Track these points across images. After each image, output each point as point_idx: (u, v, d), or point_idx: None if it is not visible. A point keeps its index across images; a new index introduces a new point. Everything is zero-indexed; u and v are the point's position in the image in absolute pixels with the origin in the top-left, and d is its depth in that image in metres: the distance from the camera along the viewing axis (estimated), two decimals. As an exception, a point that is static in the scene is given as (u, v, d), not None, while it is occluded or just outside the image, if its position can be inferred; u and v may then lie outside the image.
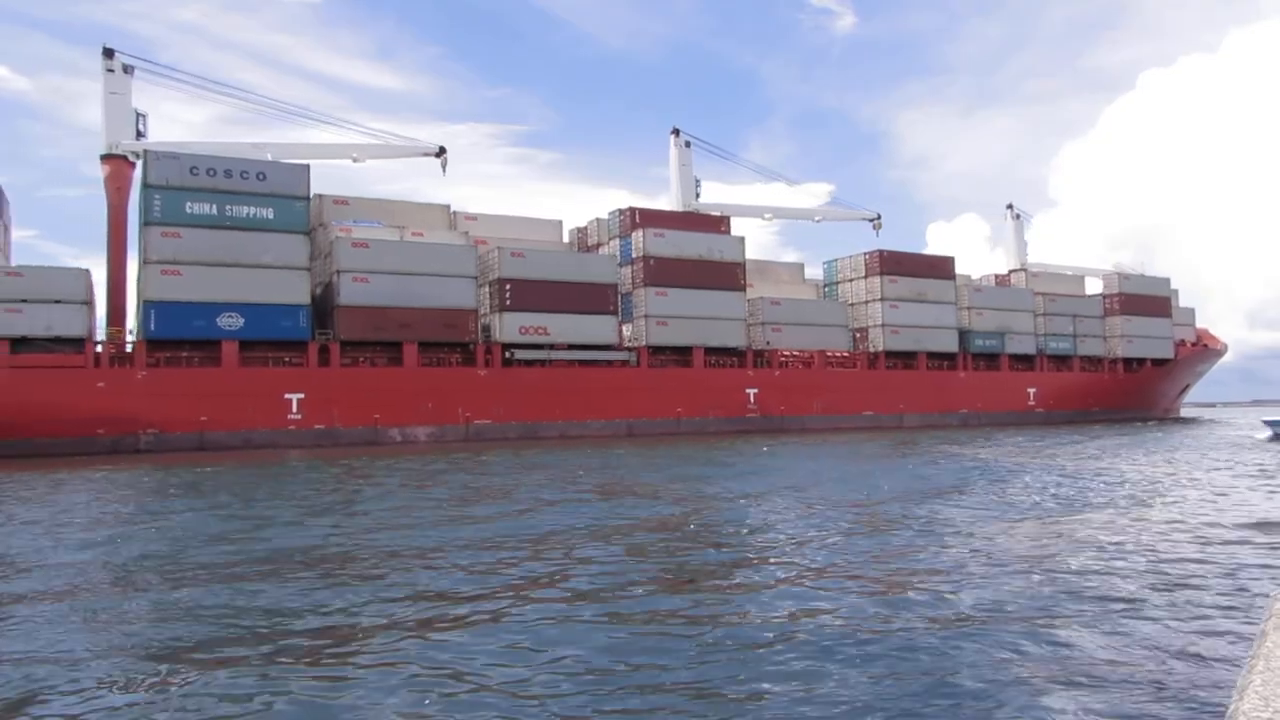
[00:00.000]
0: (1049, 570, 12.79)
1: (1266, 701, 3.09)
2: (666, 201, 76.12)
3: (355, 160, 62.96)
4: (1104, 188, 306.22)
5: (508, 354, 57.36)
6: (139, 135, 56.89)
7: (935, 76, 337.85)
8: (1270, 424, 50.31)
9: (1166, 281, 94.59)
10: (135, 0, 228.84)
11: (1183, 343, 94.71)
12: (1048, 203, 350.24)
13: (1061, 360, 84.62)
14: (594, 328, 60.20)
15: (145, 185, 48.76)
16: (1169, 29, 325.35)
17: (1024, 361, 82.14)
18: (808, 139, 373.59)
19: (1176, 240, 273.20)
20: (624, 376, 61.38)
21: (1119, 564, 13.28)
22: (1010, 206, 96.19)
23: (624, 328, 63.13)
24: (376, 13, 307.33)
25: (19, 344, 45.74)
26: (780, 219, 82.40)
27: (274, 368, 50.91)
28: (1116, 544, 14.99)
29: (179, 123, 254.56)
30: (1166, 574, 12.49)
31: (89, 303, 48.16)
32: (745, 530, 17.33)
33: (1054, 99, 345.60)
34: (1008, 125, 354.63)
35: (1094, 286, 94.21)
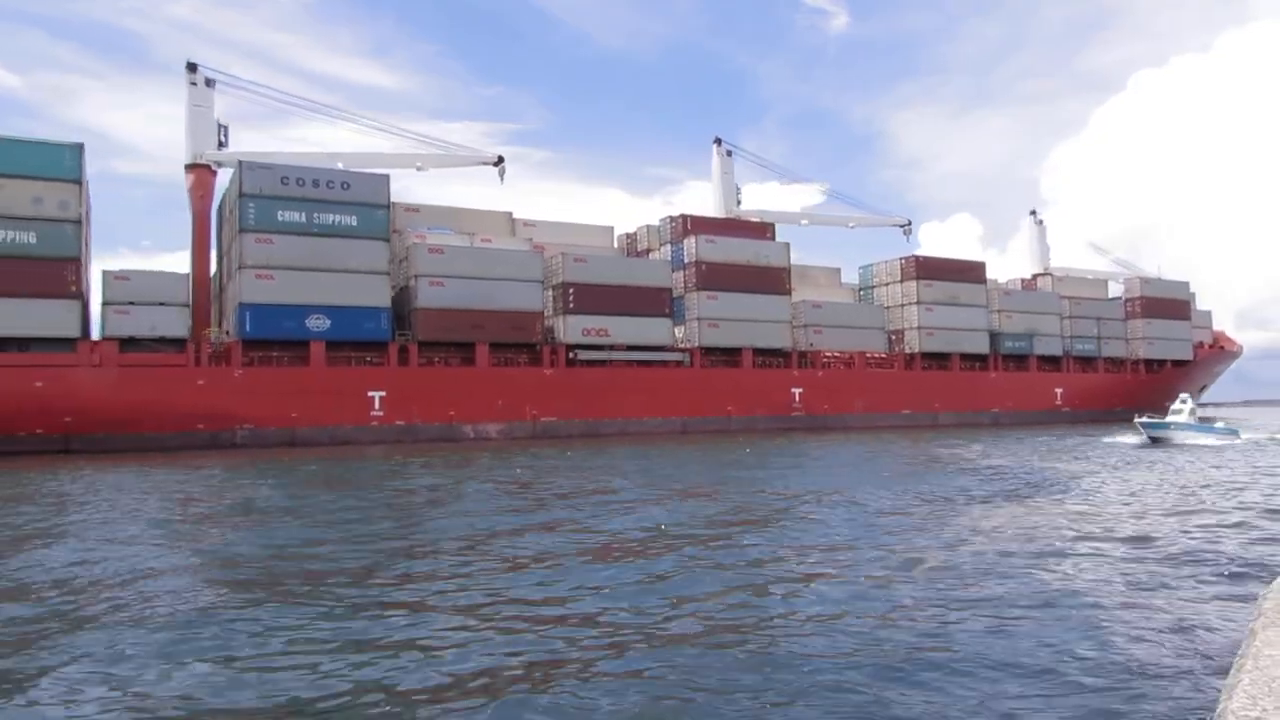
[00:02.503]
0: (1036, 567, 13.07)
1: (1254, 700, 3.09)
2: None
3: (419, 169, 65.76)
4: (1096, 189, 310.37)
5: (571, 354, 60.23)
6: (220, 145, 59.74)
7: (930, 77, 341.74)
8: (1145, 426, 46.44)
9: (1185, 285, 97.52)
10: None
11: (1201, 344, 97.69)
12: (1040, 203, 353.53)
13: (1086, 361, 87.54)
14: (650, 329, 63.09)
15: (240, 194, 51.55)
16: (1162, 30, 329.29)
17: (1051, 362, 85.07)
18: (802, 139, 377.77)
19: (1167, 241, 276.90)
20: (678, 376, 64.28)
21: (1106, 562, 13.48)
22: (1033, 212, 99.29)
23: (676, 329, 65.93)
24: (375, 10, 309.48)
25: (126, 344, 48.59)
26: (815, 224, 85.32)
27: (357, 367, 53.77)
28: (1102, 542, 15.28)
29: (168, 119, 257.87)
30: (1154, 572, 12.72)
31: (189, 304, 51.01)
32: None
33: (1048, 100, 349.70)
34: (1002, 126, 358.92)
35: (1115, 289, 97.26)
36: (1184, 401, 48.41)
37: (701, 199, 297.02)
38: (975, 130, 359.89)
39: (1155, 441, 44.75)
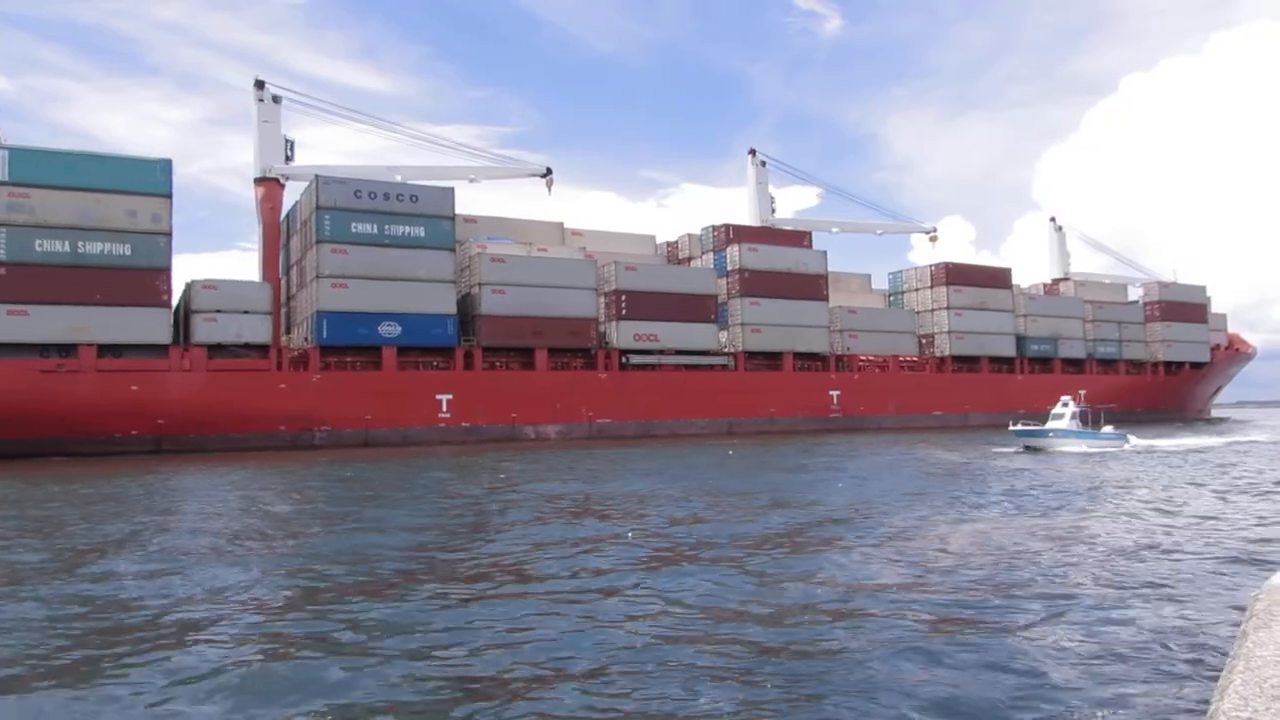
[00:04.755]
0: (1030, 570, 13.35)
1: (1246, 701, 3.08)
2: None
3: (472, 181, 68.21)
4: (1087, 191, 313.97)
5: (623, 358, 62.80)
6: (287, 160, 62.35)
7: (921, 80, 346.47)
8: (1021, 434, 41.66)
9: (1202, 289, 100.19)
10: None
11: (1217, 346, 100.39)
12: (1031, 206, 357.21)
13: (1108, 364, 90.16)
14: (697, 335, 65.67)
15: (317, 207, 54.14)
16: (1152, 33, 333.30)
17: (1074, 365, 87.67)
18: (794, 142, 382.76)
19: (1157, 243, 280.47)
20: (724, 379, 66.86)
21: (1098, 565, 13.69)
22: (1053, 219, 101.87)
23: (720, 334, 68.49)
24: (362, 13, 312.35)
25: (214, 350, 51.16)
26: (846, 232, 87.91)
27: (425, 371, 56.33)
28: (1093, 546, 15.54)
29: (158, 122, 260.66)
30: (1145, 574, 12.93)
31: (273, 312, 53.59)
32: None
33: (1038, 103, 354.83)
34: (992, 129, 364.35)
35: (1133, 294, 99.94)
36: (1065, 405, 42.46)
37: (698, 202, 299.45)
38: (966, 133, 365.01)
39: (1030, 450, 39.73)
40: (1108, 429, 43.70)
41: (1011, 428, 42.28)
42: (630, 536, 16.59)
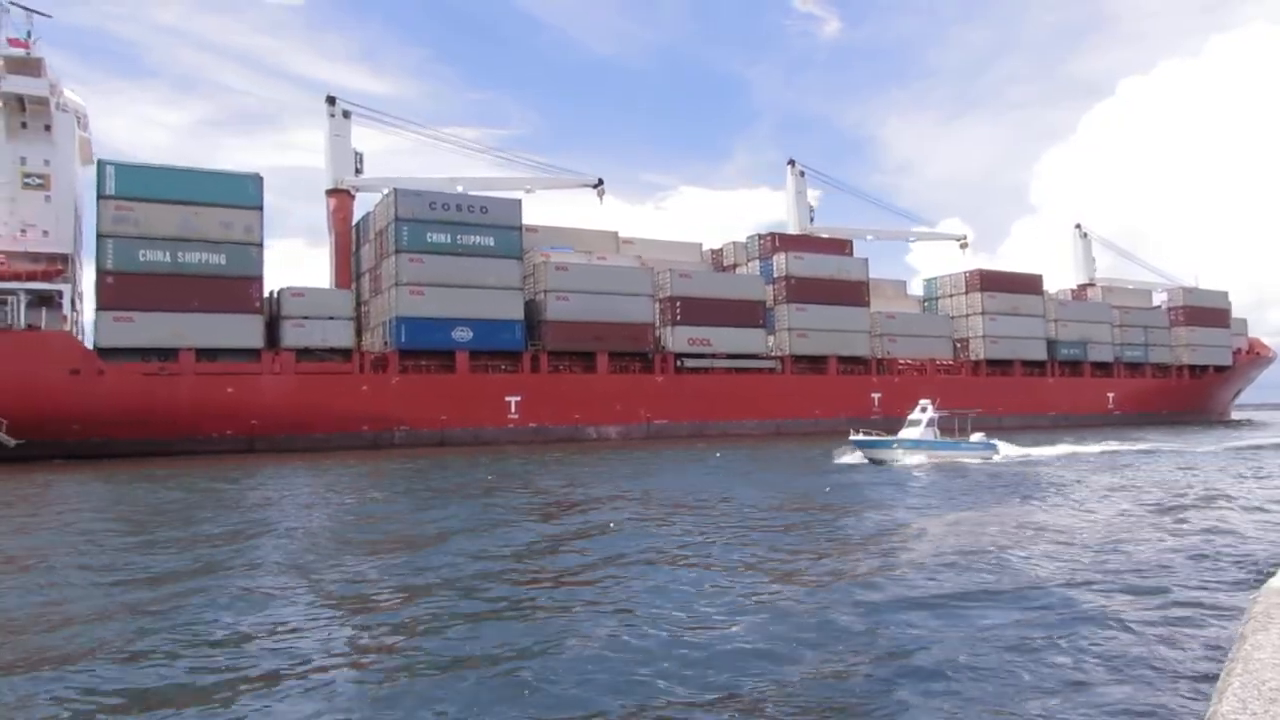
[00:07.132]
0: (1023, 572, 13.47)
1: (1244, 704, 3.10)
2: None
3: (528, 191, 71.03)
4: (1085, 193, 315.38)
5: (678, 362, 65.51)
6: (357, 172, 65.22)
7: (920, 81, 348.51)
8: (859, 444, 36.37)
9: (1225, 294, 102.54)
10: (116, 2, 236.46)
11: (1238, 350, 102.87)
12: (1029, 209, 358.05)
13: (1135, 367, 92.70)
14: (747, 339, 68.37)
15: (395, 218, 56.90)
16: (1150, 35, 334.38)
17: (1102, 369, 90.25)
18: (793, 144, 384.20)
19: (1156, 245, 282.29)
20: (772, 382, 69.55)
21: (1096, 569, 13.81)
22: (1078, 226, 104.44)
23: (769, 339, 71.15)
24: (363, 16, 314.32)
25: (302, 354, 53.94)
26: (880, 240, 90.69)
27: (495, 374, 59.07)
28: (1092, 549, 15.65)
29: (156, 124, 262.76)
30: (1144, 577, 13.05)
31: (353, 318, 56.36)
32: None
33: (1036, 105, 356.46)
34: (992, 131, 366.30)
35: (1157, 299, 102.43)
36: (924, 410, 37.12)
37: (697, 205, 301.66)
38: (965, 135, 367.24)
39: (876, 463, 35.32)
40: (976, 436, 38.93)
41: (851, 437, 36.88)
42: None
